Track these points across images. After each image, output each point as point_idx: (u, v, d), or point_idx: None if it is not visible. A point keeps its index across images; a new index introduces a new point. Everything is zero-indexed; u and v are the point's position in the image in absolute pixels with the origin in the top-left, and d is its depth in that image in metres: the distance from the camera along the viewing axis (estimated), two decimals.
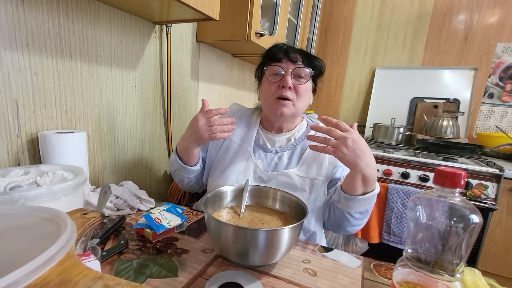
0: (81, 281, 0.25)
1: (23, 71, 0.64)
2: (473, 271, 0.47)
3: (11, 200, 0.42)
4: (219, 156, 0.81)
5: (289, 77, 0.71)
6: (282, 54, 0.73)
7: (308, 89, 0.75)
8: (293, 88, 0.72)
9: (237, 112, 0.87)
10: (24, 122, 0.65)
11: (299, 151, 0.77)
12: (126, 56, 0.89)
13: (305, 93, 0.74)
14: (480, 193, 1.29)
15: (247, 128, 0.83)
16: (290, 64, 0.73)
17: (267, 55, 0.77)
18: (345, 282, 0.51)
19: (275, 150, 0.79)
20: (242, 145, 0.80)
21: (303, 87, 0.73)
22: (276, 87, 0.73)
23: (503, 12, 1.75)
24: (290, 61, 0.73)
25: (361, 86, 2.19)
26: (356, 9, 2.12)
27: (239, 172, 0.76)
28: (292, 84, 0.72)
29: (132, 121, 0.96)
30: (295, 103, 0.74)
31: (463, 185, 0.33)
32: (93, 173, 0.84)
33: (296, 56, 0.73)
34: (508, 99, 1.80)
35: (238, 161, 0.77)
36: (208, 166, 0.83)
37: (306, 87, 0.74)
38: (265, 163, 0.77)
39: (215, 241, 0.52)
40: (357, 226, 0.70)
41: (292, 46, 0.76)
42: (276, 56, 0.74)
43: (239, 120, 0.84)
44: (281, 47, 0.75)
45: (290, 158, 0.77)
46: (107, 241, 0.58)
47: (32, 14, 0.63)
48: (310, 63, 0.74)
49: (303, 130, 0.82)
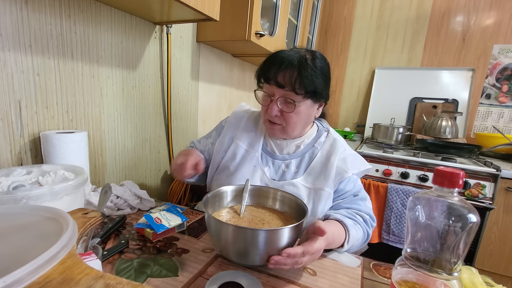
0: (83, 280, 0.26)
1: (26, 72, 0.64)
2: (470, 270, 0.48)
3: (14, 199, 0.43)
4: (225, 160, 0.77)
5: (275, 105, 0.66)
6: (273, 74, 0.66)
7: (301, 111, 0.68)
8: (281, 115, 0.68)
9: (245, 115, 0.82)
10: (27, 122, 0.66)
11: (308, 159, 0.74)
12: (127, 56, 0.89)
13: (294, 118, 0.68)
14: (478, 193, 1.30)
15: (255, 133, 0.78)
16: (276, 90, 0.66)
17: (262, 67, 0.70)
18: (344, 281, 0.52)
19: (283, 157, 0.75)
20: (249, 150, 0.76)
21: (291, 114, 0.67)
22: (265, 110, 0.70)
23: (498, 14, 1.77)
24: (277, 85, 0.65)
25: (360, 86, 2.20)
26: (356, 10, 2.12)
27: (245, 178, 0.72)
28: (279, 112, 0.67)
29: (132, 121, 0.96)
30: (285, 127, 0.70)
31: (462, 185, 0.34)
32: (94, 173, 0.85)
33: (285, 79, 0.64)
34: (505, 100, 1.82)
35: (245, 167, 0.74)
36: (212, 169, 0.80)
37: (296, 113, 0.67)
38: (272, 171, 0.74)
39: (215, 241, 0.53)
40: None
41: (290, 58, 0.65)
42: (266, 74, 0.68)
43: (245, 123, 0.80)
44: (275, 62, 0.66)
45: (298, 167, 0.74)
46: (108, 240, 0.59)
47: (35, 16, 0.64)
48: (302, 85, 0.64)
49: (313, 136, 0.77)
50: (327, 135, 0.78)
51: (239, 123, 0.81)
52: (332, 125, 2.31)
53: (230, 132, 0.80)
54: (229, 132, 0.80)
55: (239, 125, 0.80)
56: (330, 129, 0.80)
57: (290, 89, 0.64)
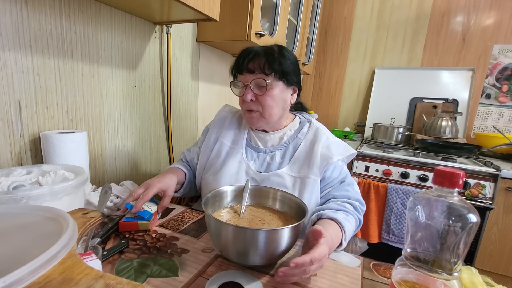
0: (83, 279, 0.26)
1: (26, 72, 0.64)
2: (470, 270, 0.47)
3: (15, 199, 0.43)
4: (211, 159, 0.80)
5: (249, 90, 0.70)
6: (244, 64, 0.71)
7: (275, 95, 0.71)
8: (256, 99, 0.71)
9: (228, 114, 0.86)
10: (27, 122, 0.66)
11: (292, 150, 0.76)
12: (127, 56, 0.89)
13: (270, 101, 0.71)
14: (478, 193, 1.30)
15: (238, 130, 0.82)
16: (248, 76, 0.71)
17: (235, 63, 0.75)
18: (344, 281, 0.52)
19: (267, 149, 0.78)
20: (233, 147, 0.79)
21: (264, 97, 0.70)
22: (242, 100, 0.74)
23: (498, 14, 1.77)
24: (248, 71, 0.71)
25: (361, 86, 2.20)
26: (356, 10, 2.12)
27: (231, 174, 0.75)
28: (254, 96, 0.71)
29: (132, 121, 0.96)
30: (262, 113, 0.72)
31: (462, 185, 0.34)
32: (94, 173, 0.85)
33: (255, 65, 0.70)
34: (505, 100, 1.82)
35: (230, 163, 0.76)
36: (200, 169, 0.82)
37: (270, 94, 0.70)
38: (257, 164, 0.77)
39: (215, 241, 0.53)
40: None
41: (258, 49, 0.71)
42: (239, 67, 0.72)
43: (229, 122, 0.83)
44: (245, 56, 0.71)
45: (283, 157, 0.76)
46: (107, 240, 0.59)
47: (35, 16, 0.64)
48: (271, 67, 0.69)
49: (296, 128, 0.80)
50: (310, 125, 0.80)
51: (223, 123, 0.84)
52: (332, 125, 2.33)
53: (215, 132, 0.83)
54: (214, 132, 0.83)
55: (223, 125, 0.84)
56: (312, 120, 0.82)
57: (260, 72, 0.69)
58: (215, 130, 0.83)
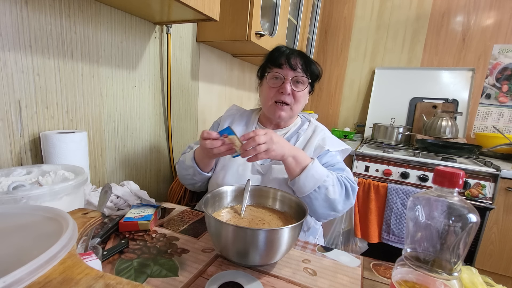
0: (83, 280, 0.26)
1: (26, 72, 0.64)
2: (470, 270, 0.47)
3: (14, 199, 0.43)
4: None
5: (289, 85, 0.77)
6: (284, 59, 0.77)
7: (305, 94, 0.81)
8: (291, 94, 0.78)
9: (237, 112, 0.93)
10: (27, 122, 0.66)
11: (293, 143, 0.83)
12: (127, 56, 0.89)
13: (302, 98, 0.80)
14: (478, 193, 1.30)
15: (246, 126, 0.89)
16: (290, 71, 0.77)
17: (269, 58, 0.81)
18: (344, 281, 0.52)
19: None
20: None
21: (300, 93, 0.79)
22: (275, 92, 0.79)
23: (498, 14, 1.76)
24: (290, 67, 0.77)
25: (360, 86, 2.20)
26: (356, 10, 2.12)
27: (238, 164, 0.80)
28: (291, 91, 0.77)
29: (132, 121, 0.96)
30: (292, 107, 0.80)
31: (462, 185, 0.34)
32: (94, 173, 0.85)
33: (296, 63, 0.77)
34: (505, 100, 1.82)
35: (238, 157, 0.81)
36: None
37: (304, 92, 0.80)
38: None
39: (215, 241, 0.53)
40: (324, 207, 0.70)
41: (293, 49, 0.81)
42: (277, 61, 0.78)
43: (239, 119, 0.91)
44: (283, 52, 0.79)
45: None
46: (107, 240, 0.59)
47: (35, 16, 0.64)
48: (309, 70, 0.79)
49: (297, 125, 0.88)
50: (309, 124, 0.89)
51: (232, 118, 0.92)
52: (332, 125, 2.34)
53: (226, 125, 0.89)
54: (226, 125, 0.89)
55: (233, 120, 0.91)
56: (312, 119, 0.91)
57: (300, 69, 0.78)
58: (226, 123, 0.90)
